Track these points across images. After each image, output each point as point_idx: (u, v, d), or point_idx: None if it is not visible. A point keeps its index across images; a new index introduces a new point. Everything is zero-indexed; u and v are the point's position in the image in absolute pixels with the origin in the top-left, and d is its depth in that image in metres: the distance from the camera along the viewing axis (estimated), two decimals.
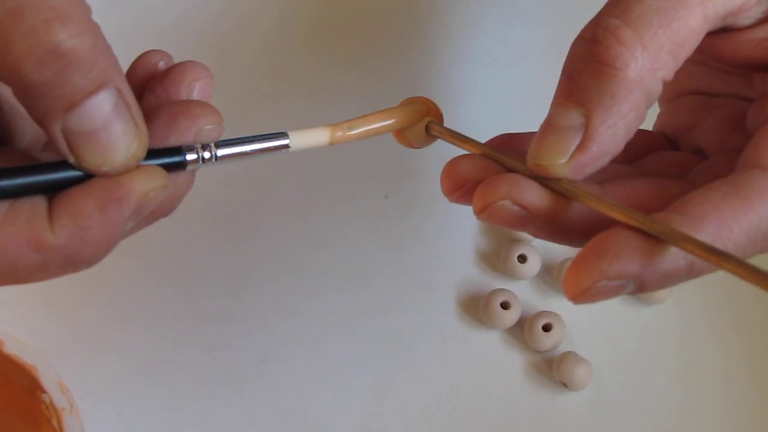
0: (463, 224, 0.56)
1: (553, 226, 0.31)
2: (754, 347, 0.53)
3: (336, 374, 0.52)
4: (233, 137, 0.31)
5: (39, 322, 0.51)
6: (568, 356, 0.51)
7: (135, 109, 0.29)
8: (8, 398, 0.48)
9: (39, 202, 0.28)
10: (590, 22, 0.31)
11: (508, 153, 0.32)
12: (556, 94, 0.31)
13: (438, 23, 0.62)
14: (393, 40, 0.61)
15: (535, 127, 0.57)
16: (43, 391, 0.46)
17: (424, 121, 0.36)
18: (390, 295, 0.54)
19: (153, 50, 0.33)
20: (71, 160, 0.28)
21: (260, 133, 0.32)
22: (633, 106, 0.30)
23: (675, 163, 0.35)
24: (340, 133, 0.34)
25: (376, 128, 0.35)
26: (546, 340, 0.51)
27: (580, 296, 0.28)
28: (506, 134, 0.36)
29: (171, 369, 0.51)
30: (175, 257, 0.54)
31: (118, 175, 0.28)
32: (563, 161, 0.30)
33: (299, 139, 0.33)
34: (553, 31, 0.62)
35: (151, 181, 0.29)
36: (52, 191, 0.29)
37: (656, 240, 0.28)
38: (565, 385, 0.51)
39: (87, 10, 0.28)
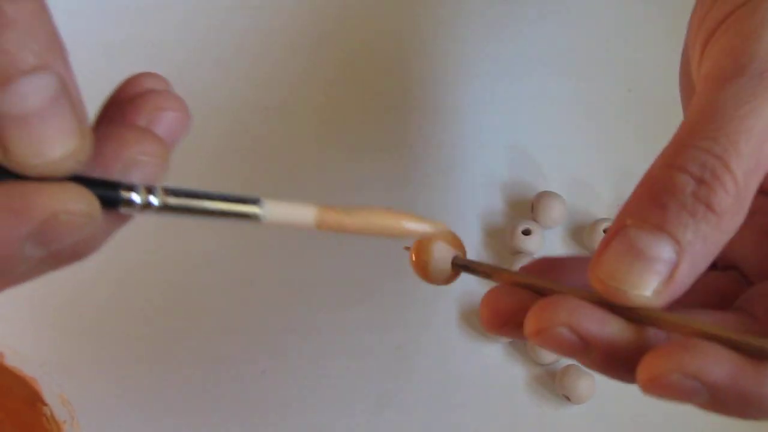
0: (465, 236, 0.55)
1: (611, 357, 0.29)
2: None
3: (337, 388, 0.52)
4: (190, 189, 0.26)
5: (40, 335, 0.51)
6: (571, 369, 0.51)
7: (80, 108, 0.25)
8: (9, 411, 0.48)
9: None
10: (686, 151, 0.29)
11: (548, 281, 0.31)
12: (638, 214, 0.29)
13: (444, 38, 0.62)
14: (397, 56, 0.61)
15: (541, 142, 0.57)
16: (44, 404, 0.46)
17: (446, 251, 0.33)
18: (391, 308, 0.54)
19: (146, 72, 0.29)
20: None
21: (228, 193, 0.27)
22: (714, 252, 0.29)
23: (712, 284, 0.34)
24: (334, 218, 0.29)
25: (375, 223, 0.30)
26: (548, 353, 0.51)
27: (649, 382, 0.27)
28: (543, 259, 0.34)
29: (172, 382, 0.51)
30: (176, 271, 0.54)
31: (31, 181, 0.24)
32: (647, 294, 0.28)
33: (276, 211, 0.28)
34: (556, 46, 0.62)
35: (67, 202, 0.24)
36: None
37: (757, 360, 0.26)
38: (568, 399, 0.51)
39: None
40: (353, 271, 0.55)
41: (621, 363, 0.29)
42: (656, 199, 0.29)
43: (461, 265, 0.33)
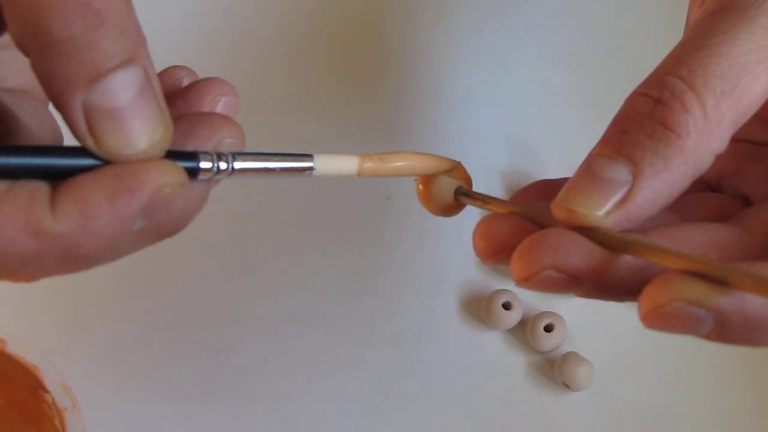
0: (464, 225, 0.55)
1: (602, 286, 0.28)
2: (754, 349, 0.53)
3: (338, 376, 0.52)
4: (254, 151, 0.29)
5: (42, 322, 0.51)
6: (570, 357, 0.51)
7: (161, 98, 0.27)
8: (11, 398, 0.48)
9: (42, 186, 0.26)
10: (652, 78, 0.30)
11: (542, 209, 0.31)
12: (602, 142, 0.30)
13: (441, 29, 0.62)
14: (396, 46, 0.61)
15: (540, 132, 0.58)
16: (46, 391, 0.46)
17: (452, 183, 0.35)
18: (392, 296, 0.54)
19: (177, 66, 0.32)
20: (88, 141, 0.26)
21: (285, 152, 0.30)
22: (681, 177, 0.28)
23: (715, 205, 0.34)
24: (370, 164, 0.32)
25: (406, 166, 0.33)
26: (548, 341, 0.52)
27: (652, 313, 0.26)
28: (541, 181, 0.34)
29: (173, 370, 0.51)
30: (178, 259, 0.54)
31: (134, 162, 0.26)
32: (600, 213, 0.28)
33: (325, 164, 0.31)
34: (556, 36, 0.63)
35: (167, 175, 0.26)
36: (58, 177, 0.26)
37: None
38: (567, 386, 0.51)
39: None
40: (354, 261, 0.55)
41: (615, 289, 0.29)
42: (618, 124, 0.29)
43: (462, 194, 0.35)
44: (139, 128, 0.26)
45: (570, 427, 0.51)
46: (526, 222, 0.30)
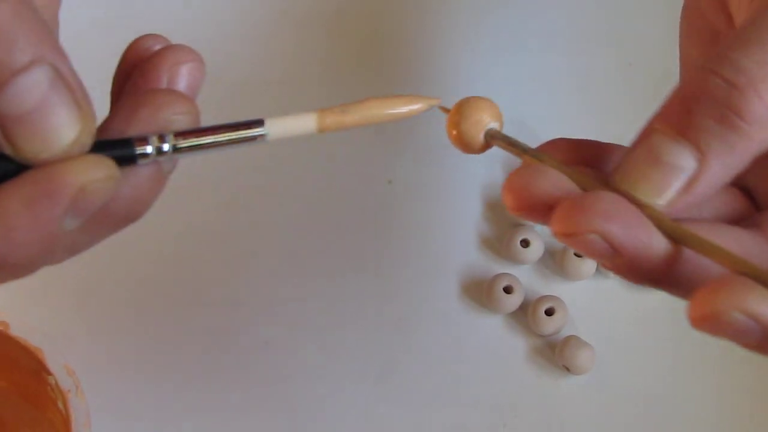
0: (466, 209, 0.56)
1: (643, 271, 0.28)
2: None
3: (339, 359, 0.52)
4: (197, 126, 0.28)
5: (44, 304, 0.51)
6: (571, 340, 0.51)
7: (78, 90, 0.26)
8: (14, 380, 0.48)
9: None
10: (723, 55, 0.27)
11: (584, 173, 0.29)
12: (664, 118, 0.28)
13: (445, 13, 0.62)
14: (400, 30, 0.61)
15: (540, 116, 0.57)
16: (49, 374, 0.46)
17: (479, 125, 0.32)
18: (393, 280, 0.54)
19: (147, 35, 0.30)
20: (8, 149, 0.25)
21: (231, 121, 0.28)
22: (740, 165, 0.28)
23: (722, 197, 0.32)
24: (332, 119, 0.30)
25: (372, 115, 0.31)
26: (549, 325, 0.52)
27: (703, 320, 0.25)
28: (562, 141, 0.32)
29: (176, 352, 0.52)
30: (179, 242, 0.54)
31: (54, 164, 0.25)
32: (661, 202, 0.27)
33: (279, 127, 0.29)
34: (556, 20, 0.62)
35: (89, 173, 0.25)
36: None
37: None
38: (568, 369, 0.51)
39: None
40: (355, 244, 0.55)
41: (645, 274, 0.28)
42: (685, 103, 0.27)
43: (498, 138, 0.32)
44: (54, 128, 0.25)
45: (571, 411, 0.51)
46: (566, 181, 0.29)
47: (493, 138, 0.32)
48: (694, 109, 0.27)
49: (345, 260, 0.54)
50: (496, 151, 0.57)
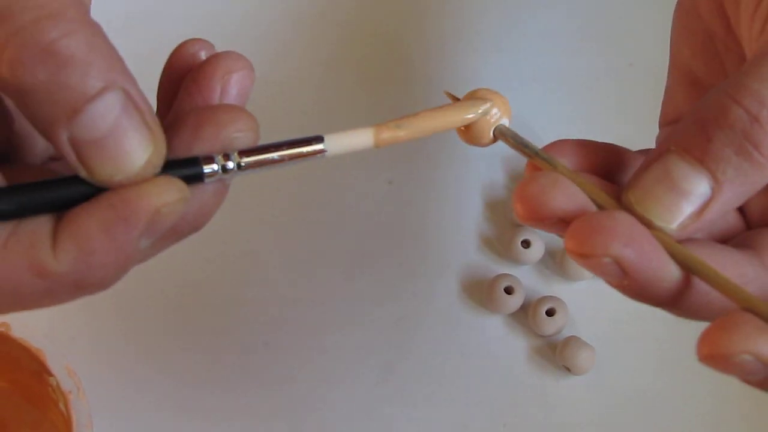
0: (466, 210, 0.56)
1: (652, 295, 0.28)
2: None
3: (339, 359, 0.52)
4: (260, 144, 0.28)
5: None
6: (571, 341, 0.51)
7: (148, 113, 0.26)
8: (16, 381, 0.48)
9: (43, 224, 0.26)
10: (745, 85, 0.28)
11: (595, 185, 0.29)
12: (683, 143, 0.28)
13: (446, 15, 0.62)
14: (401, 31, 0.61)
15: (542, 116, 0.57)
16: (50, 375, 0.46)
17: (488, 120, 0.32)
18: (393, 280, 0.54)
19: (192, 39, 0.31)
20: (82, 172, 0.26)
21: (291, 138, 0.29)
22: (750, 195, 0.28)
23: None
24: (387, 134, 0.30)
25: (427, 127, 0.31)
26: (549, 325, 0.52)
27: (711, 359, 0.25)
28: (569, 142, 0.32)
29: (176, 353, 0.52)
30: (179, 244, 0.54)
31: (128, 187, 0.26)
32: (673, 227, 0.28)
33: (337, 143, 0.29)
34: (557, 20, 0.62)
35: (163, 195, 0.26)
36: (61, 209, 0.26)
37: None
38: (569, 370, 0.51)
39: (81, 7, 0.26)
40: (355, 244, 0.55)
41: (652, 298, 0.28)
42: (704, 129, 0.28)
43: (508, 136, 0.32)
44: (126, 152, 0.26)
45: (571, 411, 0.51)
46: (580, 194, 0.29)
47: (502, 134, 0.32)
48: (714, 137, 0.27)
49: (345, 261, 0.54)
50: (497, 151, 0.57)
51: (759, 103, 0.27)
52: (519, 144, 0.31)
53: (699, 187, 0.28)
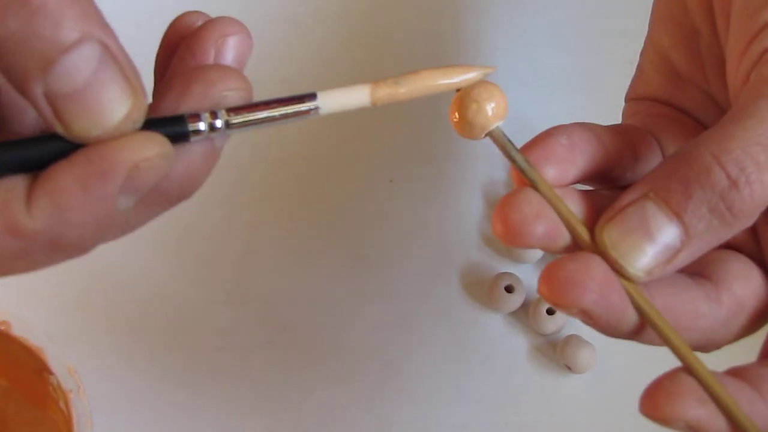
0: (467, 208, 0.56)
1: (610, 334, 0.31)
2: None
3: (340, 358, 0.52)
4: (250, 102, 0.27)
5: (46, 304, 0.51)
6: (572, 339, 0.51)
7: (127, 66, 0.25)
8: (16, 380, 0.48)
9: (18, 182, 0.25)
10: (729, 149, 0.28)
11: (574, 218, 0.30)
12: (664, 193, 0.29)
13: (443, 13, 0.62)
14: (401, 30, 0.61)
15: (541, 115, 0.57)
16: (51, 373, 0.46)
17: (486, 114, 0.31)
18: (394, 279, 0.54)
19: (189, 11, 0.30)
20: (59, 128, 0.25)
21: (283, 96, 0.28)
22: (715, 245, 0.29)
23: None
24: (386, 91, 0.29)
25: (426, 86, 0.30)
26: (550, 324, 0.52)
27: (654, 419, 0.29)
28: (561, 145, 0.32)
29: (177, 351, 0.52)
30: (181, 241, 0.54)
31: (106, 142, 0.25)
32: (641, 275, 0.29)
33: (332, 100, 0.28)
34: (556, 18, 0.62)
35: (143, 150, 0.25)
36: (37, 168, 0.25)
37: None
38: (569, 368, 0.51)
39: None
40: (356, 242, 0.55)
41: (614, 336, 0.31)
42: (686, 185, 0.29)
43: (500, 141, 0.32)
44: (104, 105, 0.25)
45: (572, 409, 0.51)
46: (561, 227, 0.30)
47: (495, 139, 0.32)
48: (694, 195, 0.29)
49: (346, 259, 0.54)
50: (497, 151, 0.57)
51: (739, 170, 0.28)
52: (508, 154, 0.31)
53: (672, 238, 0.29)
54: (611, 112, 0.60)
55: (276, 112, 0.27)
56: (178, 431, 0.50)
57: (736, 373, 0.31)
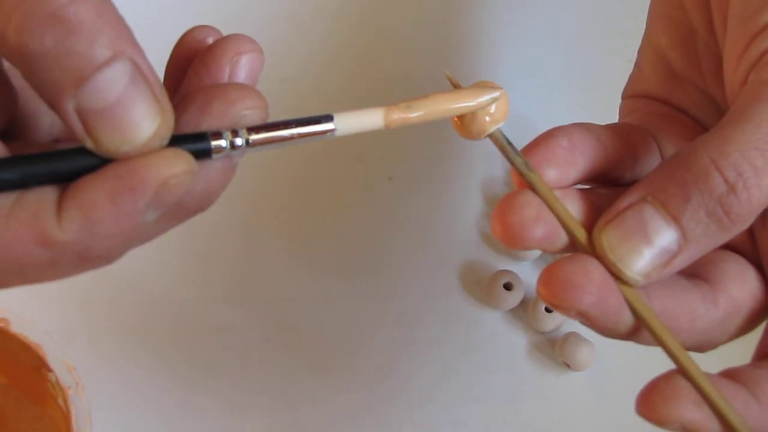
0: (466, 206, 0.56)
1: (607, 335, 0.31)
2: (754, 331, 0.53)
3: (339, 355, 0.52)
4: (270, 121, 0.28)
5: (46, 301, 0.51)
6: (571, 337, 0.51)
7: (156, 84, 0.26)
8: (15, 377, 0.48)
9: (48, 194, 0.26)
10: (727, 152, 0.29)
11: (573, 218, 0.30)
12: (662, 196, 0.29)
13: (446, 11, 0.62)
14: (402, 30, 0.61)
15: (541, 113, 0.57)
16: (50, 370, 0.46)
17: (486, 118, 0.32)
18: (393, 276, 0.54)
19: (199, 26, 0.31)
20: (89, 143, 0.26)
21: (301, 117, 0.29)
22: (712, 249, 0.30)
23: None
24: (398, 115, 0.30)
25: (439, 110, 0.31)
26: (549, 321, 0.52)
27: (650, 420, 0.29)
28: (561, 147, 0.32)
29: (176, 349, 0.52)
30: (181, 239, 0.54)
31: (136, 158, 0.26)
32: (639, 279, 0.29)
33: (347, 122, 0.29)
34: (556, 17, 0.62)
35: (171, 167, 0.26)
36: (66, 180, 0.26)
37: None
38: (568, 366, 0.51)
39: None
40: (356, 241, 0.55)
41: (611, 337, 0.31)
42: (684, 189, 0.29)
43: (500, 143, 0.32)
44: (134, 122, 0.26)
45: (570, 407, 0.52)
46: (560, 230, 0.30)
47: (496, 140, 0.32)
48: (692, 199, 0.29)
49: (346, 257, 0.54)
50: (496, 149, 0.57)
51: (737, 175, 0.28)
52: (507, 156, 0.31)
53: (669, 242, 0.29)
54: (611, 112, 0.59)
55: (294, 131, 0.28)
56: (177, 428, 0.50)
57: (730, 374, 0.31)
